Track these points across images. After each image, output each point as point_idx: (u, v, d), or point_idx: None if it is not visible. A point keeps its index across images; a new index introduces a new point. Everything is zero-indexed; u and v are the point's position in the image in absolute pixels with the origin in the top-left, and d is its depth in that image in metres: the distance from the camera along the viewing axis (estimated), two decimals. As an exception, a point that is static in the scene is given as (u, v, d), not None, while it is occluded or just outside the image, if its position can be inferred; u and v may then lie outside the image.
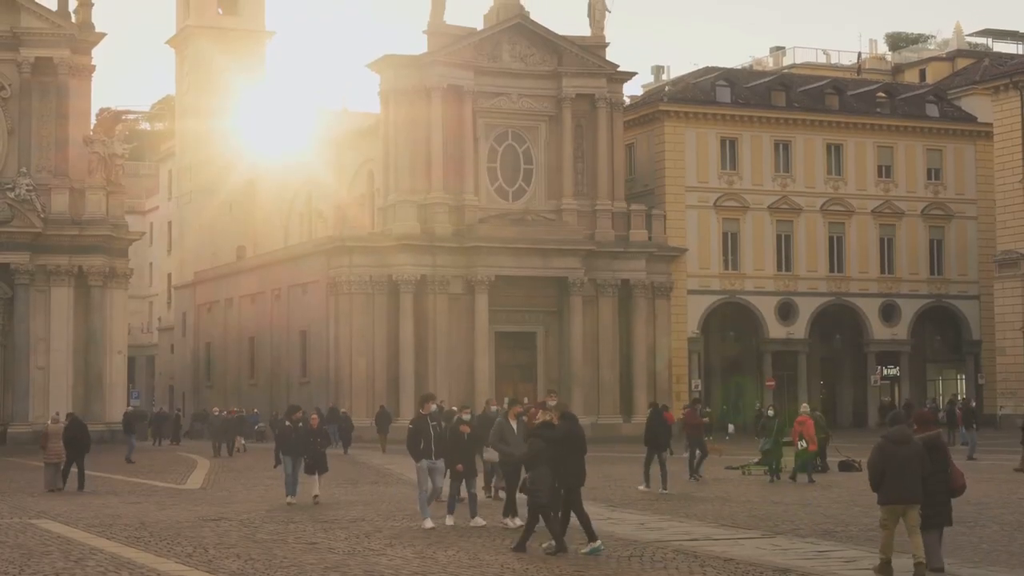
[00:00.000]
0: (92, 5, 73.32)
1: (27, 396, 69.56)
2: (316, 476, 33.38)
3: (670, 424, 39.73)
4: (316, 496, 33.07)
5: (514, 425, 27.58)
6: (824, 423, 42.34)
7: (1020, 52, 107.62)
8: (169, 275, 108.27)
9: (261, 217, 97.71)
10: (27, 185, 70.02)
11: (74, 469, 39.35)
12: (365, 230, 77.91)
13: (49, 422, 41.46)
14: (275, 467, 35.14)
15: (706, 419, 44.01)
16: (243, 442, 65.20)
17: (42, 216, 70.13)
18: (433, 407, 28.24)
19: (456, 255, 76.17)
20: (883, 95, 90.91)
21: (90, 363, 71.14)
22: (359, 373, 75.47)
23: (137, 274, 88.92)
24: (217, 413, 64.52)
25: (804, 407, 42.65)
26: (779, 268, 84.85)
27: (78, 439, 39.46)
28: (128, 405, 76.09)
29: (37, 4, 71.29)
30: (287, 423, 33.89)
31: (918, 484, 18.98)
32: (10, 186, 69.96)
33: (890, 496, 19.12)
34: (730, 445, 61.11)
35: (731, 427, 78.52)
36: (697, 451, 41.16)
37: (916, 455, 18.98)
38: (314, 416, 36.08)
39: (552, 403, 26.52)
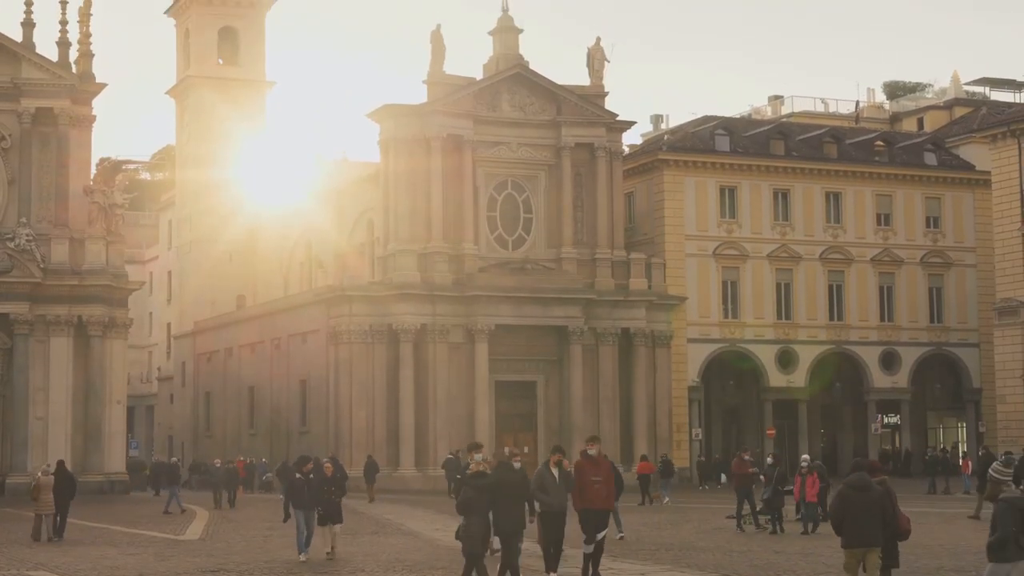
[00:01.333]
0: (93, 56, 73.54)
1: (26, 446, 69.32)
2: (330, 528, 31.99)
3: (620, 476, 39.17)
4: (330, 552, 31.86)
5: (555, 473, 26.22)
6: (824, 472, 42.21)
7: (1017, 100, 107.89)
8: (169, 325, 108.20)
9: (261, 266, 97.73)
10: (27, 235, 70.01)
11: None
12: (365, 279, 77.90)
13: (40, 474, 41.45)
14: (284, 522, 33.37)
15: (754, 469, 43.66)
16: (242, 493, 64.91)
17: (42, 266, 70.08)
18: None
19: (456, 304, 76.15)
20: (881, 144, 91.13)
21: (89, 413, 70.95)
22: (359, 423, 75.29)
23: (137, 324, 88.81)
24: (218, 464, 64.25)
25: (804, 458, 42.49)
26: (779, 316, 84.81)
27: (64, 487, 40.01)
28: (127, 455, 75.95)
29: (38, 55, 71.50)
30: (298, 475, 32.10)
31: (877, 528, 19.86)
32: (10, 236, 69.95)
33: (851, 540, 19.88)
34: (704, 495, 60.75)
35: (723, 476, 78.40)
36: (746, 502, 40.95)
37: (875, 501, 19.91)
38: (327, 464, 34.45)
39: (592, 451, 26.12)
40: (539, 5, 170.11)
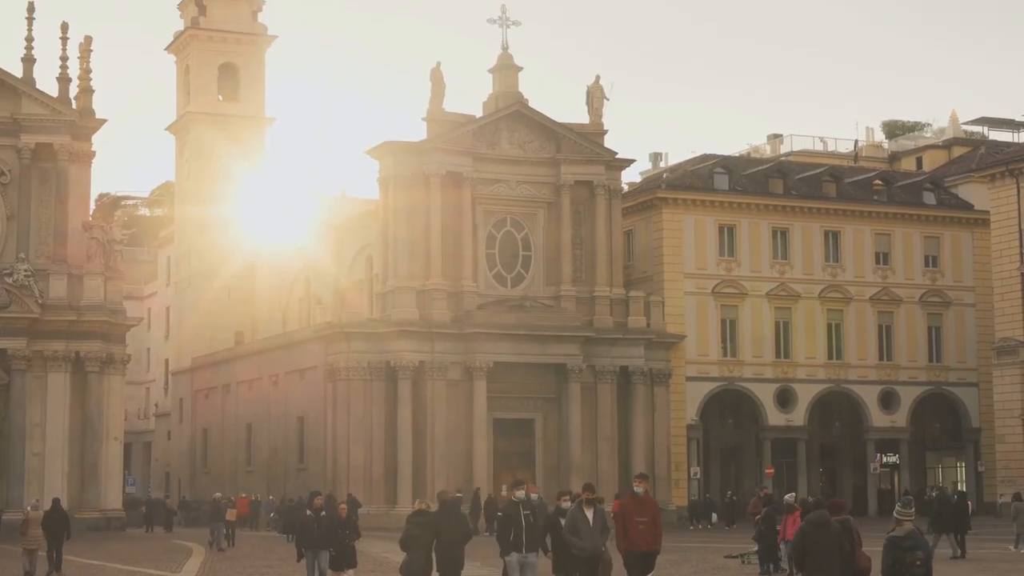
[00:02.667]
0: (93, 92, 73.63)
1: (22, 482, 69.06)
2: (343, 572, 30.99)
3: None
4: None
5: (589, 516, 25.44)
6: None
7: (1016, 140, 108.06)
8: (166, 361, 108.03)
9: (259, 303, 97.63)
10: (25, 270, 69.96)
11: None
12: (363, 316, 77.81)
13: (28, 508, 41.51)
14: (298, 561, 32.17)
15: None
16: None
17: (40, 302, 69.99)
18: (521, 493, 26.07)
19: (454, 341, 76.04)
20: (880, 183, 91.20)
21: (86, 449, 70.73)
22: (356, 460, 75.03)
23: (134, 360, 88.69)
24: (217, 498, 63.83)
25: (788, 496, 42.22)
26: (778, 355, 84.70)
27: (57, 524, 40.15)
28: (124, 491, 75.68)
29: (38, 90, 71.60)
30: (308, 512, 30.99)
31: (835, 564, 20.76)
32: (8, 271, 69.89)
33: (812, 574, 20.76)
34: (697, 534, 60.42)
35: (714, 515, 78.19)
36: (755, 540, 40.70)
37: (834, 538, 20.86)
38: (342, 504, 33.24)
39: (639, 489, 25.65)
40: (539, 43, 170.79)
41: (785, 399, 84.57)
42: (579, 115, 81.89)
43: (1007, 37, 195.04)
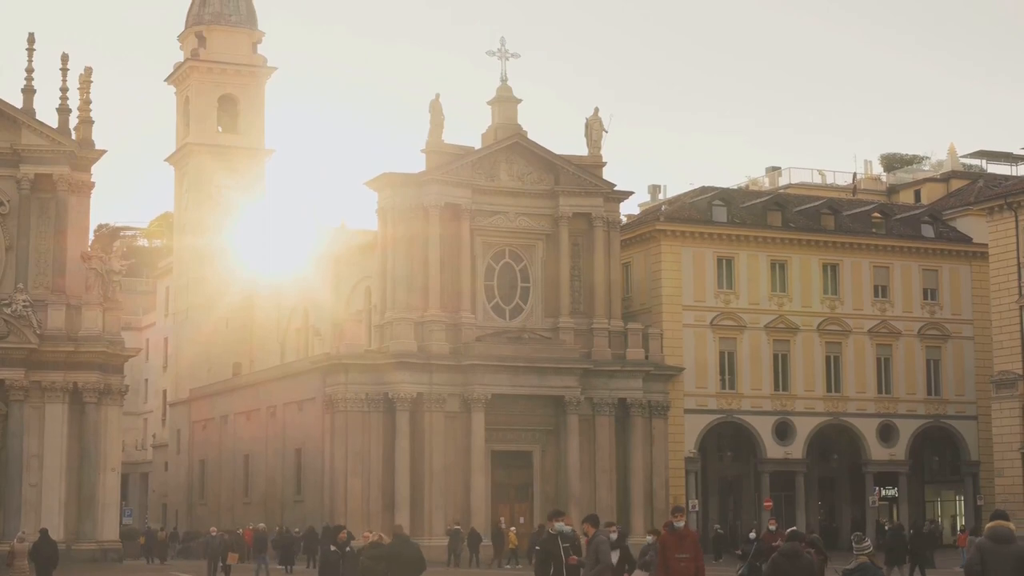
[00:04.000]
0: (92, 122, 73.72)
1: (19, 513, 68.82)
2: None
3: None
4: None
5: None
6: (821, 544, 41.80)
7: (1014, 173, 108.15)
8: (164, 392, 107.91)
9: (258, 334, 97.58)
10: (24, 301, 69.89)
11: None
12: (362, 347, 77.75)
13: (15, 541, 41.35)
14: None
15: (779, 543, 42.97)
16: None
17: (38, 332, 69.92)
18: (561, 525, 25.28)
19: (453, 373, 75.97)
20: (878, 215, 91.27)
21: (83, 481, 70.56)
22: (354, 492, 74.85)
23: (132, 390, 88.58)
24: (214, 533, 63.57)
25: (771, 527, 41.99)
26: (776, 388, 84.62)
27: (46, 555, 40.11)
28: (121, 523, 75.45)
29: (38, 121, 71.69)
30: (332, 547, 30.27)
31: None
32: (7, 302, 69.83)
33: None
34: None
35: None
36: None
37: (804, 568, 21.29)
38: (367, 534, 32.38)
39: (679, 523, 25.13)
40: (538, 76, 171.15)
41: (783, 432, 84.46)
42: (578, 147, 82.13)
43: (1005, 71, 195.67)
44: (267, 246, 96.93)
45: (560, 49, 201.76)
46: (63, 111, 73.02)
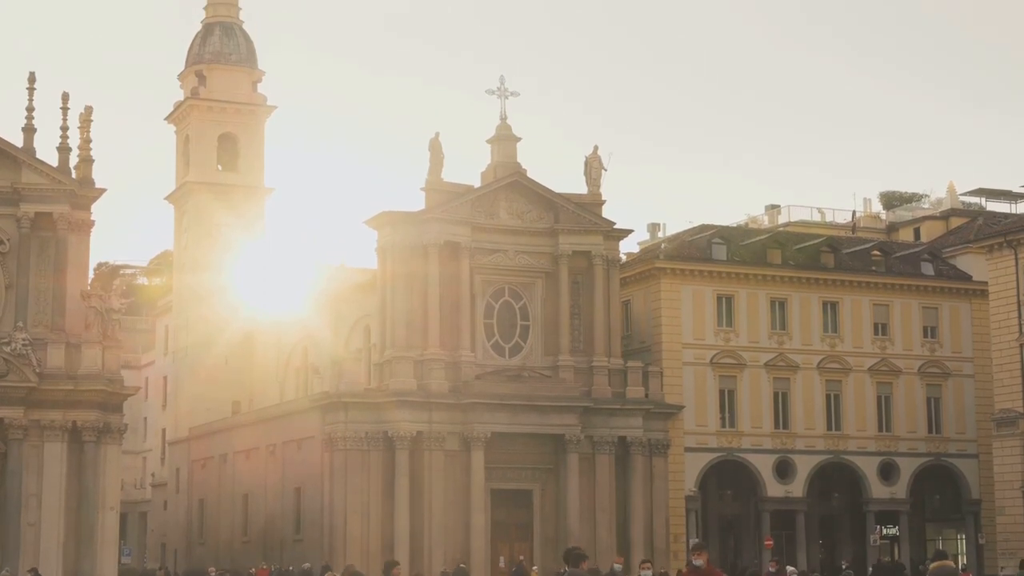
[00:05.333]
0: (93, 161, 73.69)
1: (18, 553, 68.48)
2: None
3: None
4: None
5: None
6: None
7: (1013, 211, 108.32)
8: (164, 430, 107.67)
9: (257, 372, 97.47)
10: (23, 339, 69.75)
11: None
12: (361, 386, 77.66)
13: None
14: None
15: None
16: None
17: (37, 371, 69.75)
18: (619, 567, 24.76)
19: (452, 411, 75.85)
20: (878, 253, 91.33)
21: (82, 520, 70.21)
22: (354, 530, 74.62)
23: (131, 429, 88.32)
24: (213, 573, 63.43)
25: (791, 571, 41.92)
26: (776, 426, 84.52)
27: None
28: (119, 562, 75.08)
29: (38, 160, 71.68)
30: None
31: None
32: (6, 340, 69.69)
33: None
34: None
35: None
36: None
37: None
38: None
39: (699, 561, 24.96)
40: (537, 114, 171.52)
41: (784, 470, 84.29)
42: (577, 185, 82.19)
43: (1004, 109, 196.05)
44: (266, 285, 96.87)
45: (559, 88, 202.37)
46: (63, 150, 73.02)
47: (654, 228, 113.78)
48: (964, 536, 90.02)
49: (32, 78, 73.06)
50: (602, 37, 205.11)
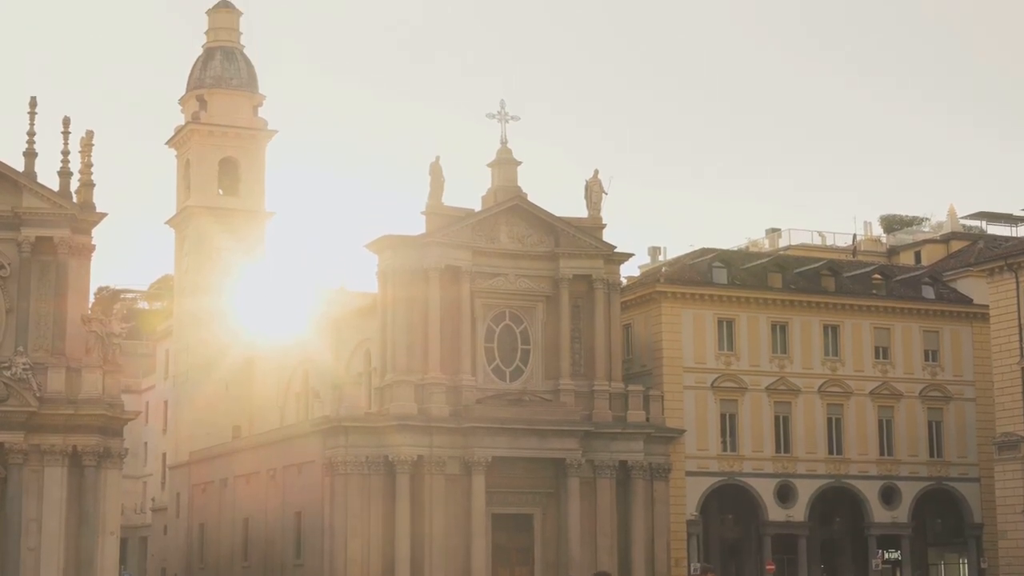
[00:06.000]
0: (93, 185, 73.76)
1: (17, 578, 68.43)
2: None
3: None
4: None
5: None
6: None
7: (1014, 234, 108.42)
8: (164, 455, 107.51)
9: (258, 397, 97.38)
10: (23, 364, 69.71)
11: None
12: (362, 410, 77.59)
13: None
14: None
15: None
16: None
17: (37, 395, 69.69)
18: None
19: (453, 435, 75.77)
20: (879, 277, 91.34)
21: (82, 545, 70.05)
22: (354, 555, 74.45)
23: (132, 453, 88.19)
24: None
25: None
26: (778, 450, 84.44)
27: None
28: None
29: (39, 184, 71.73)
30: None
31: None
32: (6, 365, 69.65)
33: None
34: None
35: None
36: None
37: None
38: None
39: None
40: (538, 138, 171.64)
41: (785, 494, 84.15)
42: (578, 209, 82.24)
43: (1005, 132, 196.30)
44: (267, 309, 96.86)
45: (560, 112, 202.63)
46: (64, 174, 73.07)
47: (655, 252, 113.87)
48: (966, 560, 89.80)
49: (33, 102, 73.19)
50: (602, 63, 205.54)
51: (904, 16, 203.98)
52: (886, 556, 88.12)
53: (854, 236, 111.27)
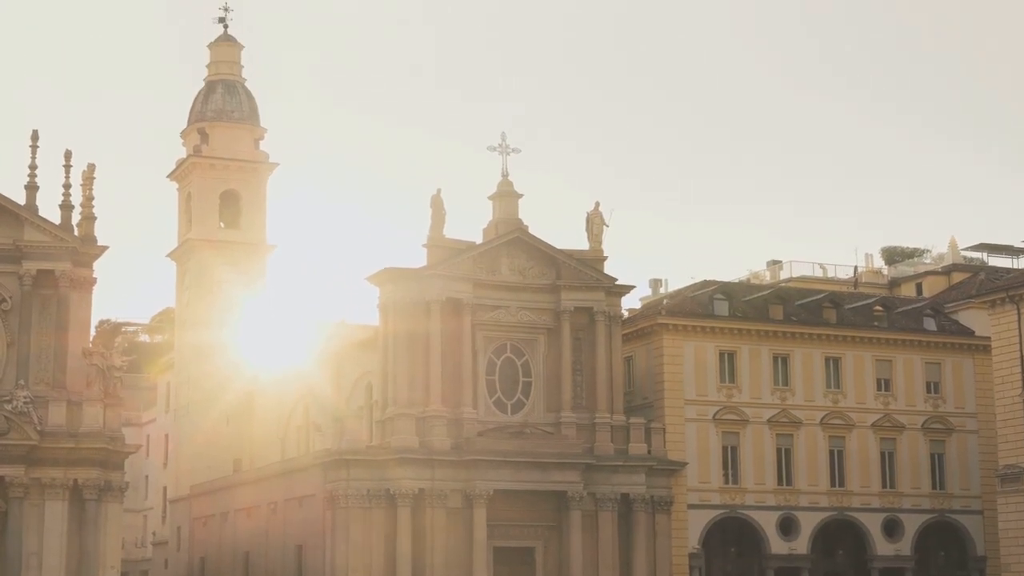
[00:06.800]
0: (95, 219, 73.91)
1: (17, 613, 68.22)
2: None
3: None
4: None
5: None
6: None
7: (1015, 266, 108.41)
8: (165, 488, 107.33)
9: (258, 430, 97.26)
10: (24, 397, 69.73)
11: None
12: (363, 443, 77.51)
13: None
14: None
15: None
16: None
17: (39, 429, 69.66)
18: None
19: (454, 468, 75.62)
20: (880, 309, 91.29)
21: (82, 578, 69.92)
22: (355, 589, 74.23)
23: (132, 487, 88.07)
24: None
25: None
26: (780, 482, 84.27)
27: None
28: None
29: (40, 217, 71.88)
30: None
31: None
32: (7, 398, 69.66)
33: None
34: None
35: None
36: None
37: None
38: None
39: None
40: (539, 170, 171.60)
41: (788, 527, 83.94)
42: (579, 241, 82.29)
43: (1005, 163, 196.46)
44: (268, 342, 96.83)
45: (561, 144, 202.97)
46: (66, 207, 73.24)
47: (656, 284, 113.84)
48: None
49: (35, 136, 73.44)
50: (603, 96, 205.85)
51: (904, 47, 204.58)
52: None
53: (855, 268, 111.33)
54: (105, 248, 73.84)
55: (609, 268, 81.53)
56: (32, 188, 72.75)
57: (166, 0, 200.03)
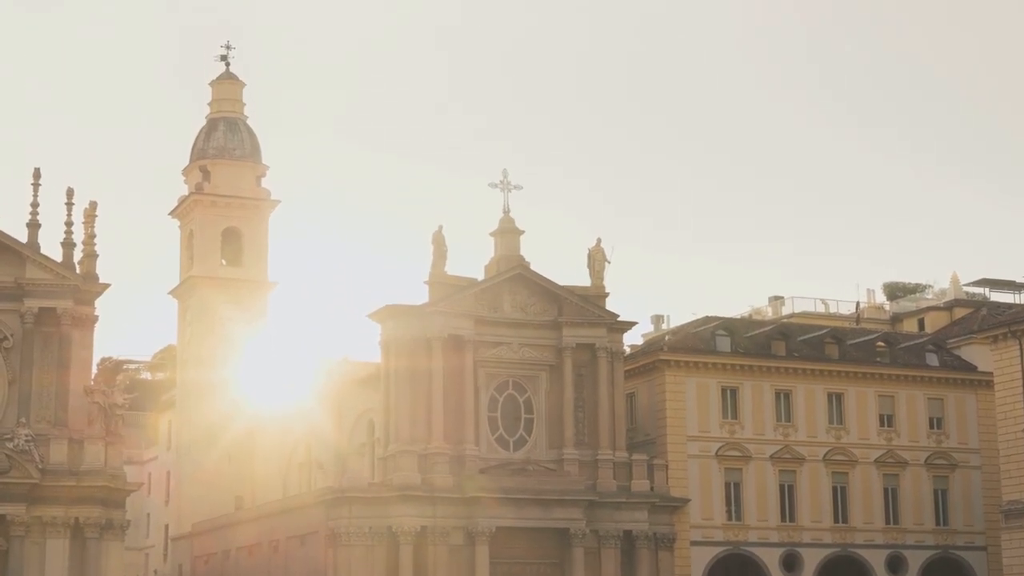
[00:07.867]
0: (97, 256, 73.98)
1: (17, 653, 67.95)
2: None
3: None
4: None
5: None
6: None
7: (1017, 301, 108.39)
8: (166, 526, 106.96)
9: (260, 467, 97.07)
10: (26, 435, 69.65)
11: None
12: (365, 481, 77.31)
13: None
14: None
15: None
16: None
17: (40, 467, 69.55)
18: None
19: (457, 506, 75.43)
20: (883, 344, 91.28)
21: (84, 618, 69.69)
22: (357, 627, 73.97)
23: (134, 525, 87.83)
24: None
25: None
26: (783, 519, 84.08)
27: None
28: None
29: (42, 255, 71.95)
30: None
31: None
32: (9, 436, 69.57)
33: None
34: None
35: None
36: None
37: None
38: None
39: None
40: (540, 206, 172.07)
41: (791, 563, 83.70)
42: (581, 278, 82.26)
43: (1007, 199, 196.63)
44: (270, 379, 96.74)
45: (562, 180, 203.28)
46: (67, 245, 73.31)
47: (658, 320, 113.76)
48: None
49: (37, 174, 73.58)
50: (604, 132, 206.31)
51: (906, 84, 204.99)
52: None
53: (857, 304, 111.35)
54: (107, 286, 73.88)
55: (611, 304, 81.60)
56: (34, 226, 72.84)
57: (168, 38, 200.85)
